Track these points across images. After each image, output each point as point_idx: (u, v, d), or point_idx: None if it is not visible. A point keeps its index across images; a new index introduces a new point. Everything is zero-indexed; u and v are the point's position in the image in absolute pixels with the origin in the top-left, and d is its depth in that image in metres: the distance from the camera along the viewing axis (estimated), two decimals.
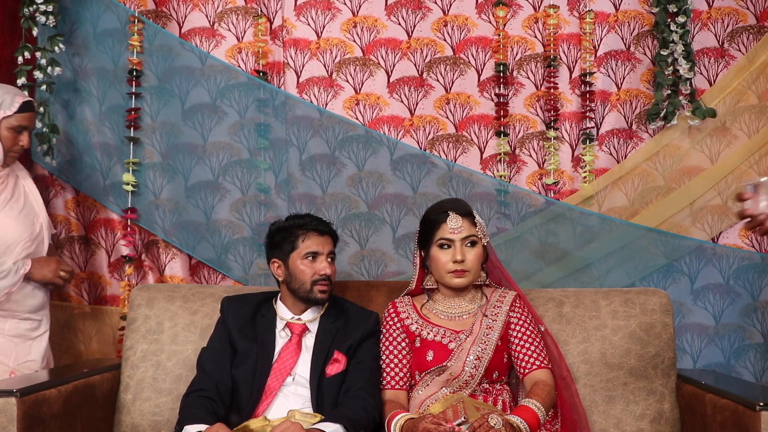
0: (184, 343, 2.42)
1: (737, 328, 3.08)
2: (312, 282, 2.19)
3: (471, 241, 2.16)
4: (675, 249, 3.07)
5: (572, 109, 3.16)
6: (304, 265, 2.19)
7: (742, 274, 3.08)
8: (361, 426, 2.03)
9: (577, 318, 2.39)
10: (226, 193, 3.19)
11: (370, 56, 3.20)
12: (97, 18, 3.18)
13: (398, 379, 2.19)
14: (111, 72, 3.19)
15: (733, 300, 3.08)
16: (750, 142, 3.08)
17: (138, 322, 2.46)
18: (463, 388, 2.13)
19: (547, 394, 2.06)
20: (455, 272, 2.15)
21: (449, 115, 3.19)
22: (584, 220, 3.04)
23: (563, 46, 3.16)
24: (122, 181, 3.16)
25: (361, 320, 2.26)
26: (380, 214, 3.12)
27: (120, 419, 2.38)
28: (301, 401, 2.14)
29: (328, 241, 2.24)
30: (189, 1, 3.22)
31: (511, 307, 2.21)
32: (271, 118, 3.17)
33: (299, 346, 2.20)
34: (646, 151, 3.12)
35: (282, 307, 2.26)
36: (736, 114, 3.08)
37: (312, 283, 2.19)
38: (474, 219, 2.19)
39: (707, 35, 3.14)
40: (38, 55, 3.04)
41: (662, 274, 3.09)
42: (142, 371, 2.40)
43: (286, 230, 2.24)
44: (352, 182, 3.13)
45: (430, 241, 2.17)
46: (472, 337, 2.15)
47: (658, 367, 2.34)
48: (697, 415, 2.17)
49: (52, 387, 2.11)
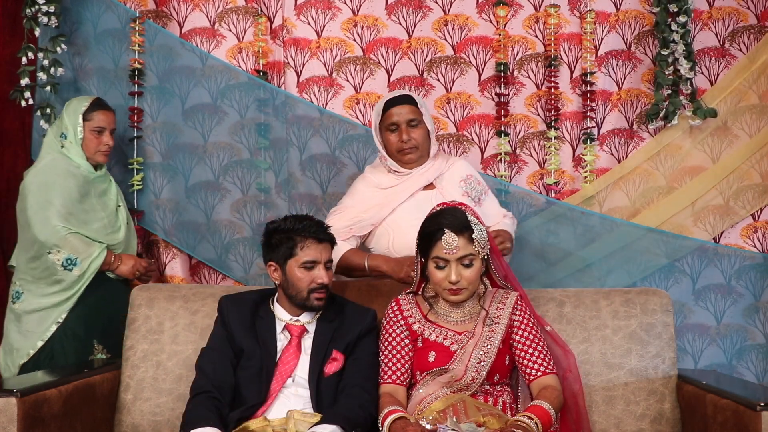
0: (184, 343, 2.42)
1: (739, 329, 3.07)
2: (309, 290, 2.17)
3: (468, 261, 2.08)
4: (676, 249, 3.07)
5: (573, 108, 3.15)
6: (301, 273, 2.16)
7: (744, 274, 3.07)
8: (358, 424, 2.02)
9: (578, 318, 2.39)
10: (226, 193, 3.19)
11: (370, 56, 3.20)
12: (97, 18, 3.19)
13: (399, 374, 2.16)
14: (111, 72, 3.19)
15: (735, 300, 3.08)
16: (751, 142, 3.07)
17: (138, 322, 2.46)
18: (465, 390, 2.12)
19: (556, 398, 2.06)
20: (450, 290, 2.11)
21: (450, 115, 3.19)
22: (585, 220, 3.04)
23: (564, 45, 3.16)
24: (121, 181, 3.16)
25: (359, 318, 2.25)
26: None
27: (120, 419, 2.38)
28: (301, 402, 2.13)
29: (326, 248, 2.21)
30: (189, 1, 3.22)
31: (513, 309, 2.19)
32: (271, 118, 3.17)
33: (299, 348, 2.19)
34: (647, 150, 3.11)
35: (280, 309, 2.25)
36: (737, 114, 3.08)
37: (309, 291, 2.17)
38: (472, 234, 2.08)
39: (708, 35, 3.13)
40: (40, 56, 3.04)
41: (663, 275, 3.08)
42: (142, 371, 2.40)
43: (284, 234, 2.19)
44: (352, 182, 3.13)
45: (427, 255, 2.13)
46: (474, 339, 2.13)
47: (659, 367, 2.33)
48: (698, 415, 2.16)
49: (52, 387, 2.11)
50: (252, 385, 2.14)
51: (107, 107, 2.89)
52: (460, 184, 2.59)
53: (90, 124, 2.82)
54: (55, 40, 3.05)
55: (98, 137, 2.83)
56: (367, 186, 2.63)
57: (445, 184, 2.58)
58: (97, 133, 2.82)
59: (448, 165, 2.62)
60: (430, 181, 2.58)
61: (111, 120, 2.88)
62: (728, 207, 3.07)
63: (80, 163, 2.81)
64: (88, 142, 2.82)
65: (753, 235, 3.09)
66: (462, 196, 2.53)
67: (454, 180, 2.59)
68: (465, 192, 2.57)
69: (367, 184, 2.64)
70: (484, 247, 2.11)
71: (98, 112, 2.84)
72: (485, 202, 2.61)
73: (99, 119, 2.83)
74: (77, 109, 2.82)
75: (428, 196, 2.55)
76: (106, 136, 2.84)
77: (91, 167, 2.84)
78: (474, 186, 2.61)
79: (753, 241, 3.09)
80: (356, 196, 2.62)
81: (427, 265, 2.13)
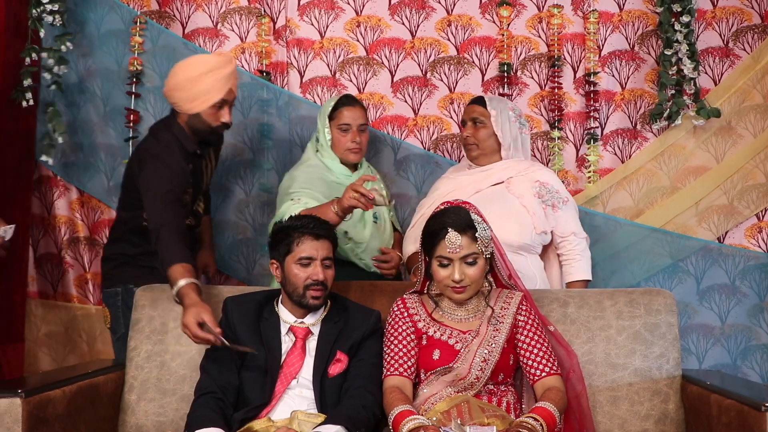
0: (188, 343, 2.42)
1: (744, 329, 3.07)
2: (304, 287, 2.16)
3: (471, 259, 2.08)
4: (680, 249, 3.06)
5: (576, 108, 3.15)
6: (297, 270, 2.16)
7: (749, 274, 3.07)
8: (362, 424, 2.02)
9: (582, 318, 2.38)
10: (229, 193, 3.19)
11: (373, 56, 3.20)
12: (101, 19, 3.19)
13: (406, 367, 2.14)
14: (114, 73, 3.19)
15: (740, 300, 3.07)
16: (755, 142, 3.07)
17: (142, 322, 2.46)
18: (469, 389, 2.12)
19: (560, 399, 2.05)
20: (454, 288, 2.11)
21: (453, 115, 3.18)
22: (589, 220, 3.03)
23: (567, 45, 3.16)
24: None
25: (363, 319, 2.25)
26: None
27: (124, 420, 2.38)
28: (306, 403, 2.14)
29: (324, 245, 2.20)
30: (192, 2, 3.23)
31: (518, 309, 2.19)
32: (274, 119, 3.17)
33: (304, 350, 2.19)
34: (651, 150, 3.11)
35: (284, 310, 2.25)
36: (741, 113, 3.07)
37: (304, 288, 2.16)
38: (476, 233, 2.08)
39: (712, 35, 3.13)
40: (44, 55, 3.05)
41: (668, 275, 3.08)
42: (146, 372, 2.40)
43: (284, 231, 2.21)
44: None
45: (431, 254, 2.13)
46: (479, 338, 2.14)
47: (663, 368, 2.33)
48: (702, 415, 2.16)
49: (56, 387, 2.11)
50: (256, 386, 2.14)
51: (354, 102, 2.79)
52: (535, 184, 2.65)
53: (336, 123, 2.73)
54: (61, 38, 3.06)
55: (344, 135, 2.72)
56: (440, 181, 2.83)
57: (515, 182, 2.66)
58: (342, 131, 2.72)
59: (526, 168, 2.69)
60: (501, 180, 2.67)
61: (358, 115, 2.75)
62: (732, 207, 3.07)
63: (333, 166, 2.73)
64: (336, 142, 2.73)
65: (757, 235, 3.08)
66: (534, 196, 2.63)
67: (528, 181, 2.66)
68: (537, 193, 2.64)
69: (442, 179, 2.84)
70: (488, 246, 2.12)
71: (344, 108, 2.73)
72: (561, 212, 2.66)
73: (344, 116, 2.73)
74: (324, 110, 2.76)
75: (495, 189, 2.66)
76: (353, 133, 2.72)
77: (346, 169, 2.75)
78: (551, 192, 2.66)
79: (757, 241, 3.08)
80: (433, 194, 2.78)
81: (431, 263, 2.13)
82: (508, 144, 2.69)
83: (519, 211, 2.61)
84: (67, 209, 3.25)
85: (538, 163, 2.83)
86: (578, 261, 2.69)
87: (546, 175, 2.70)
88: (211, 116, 2.48)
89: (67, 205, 3.25)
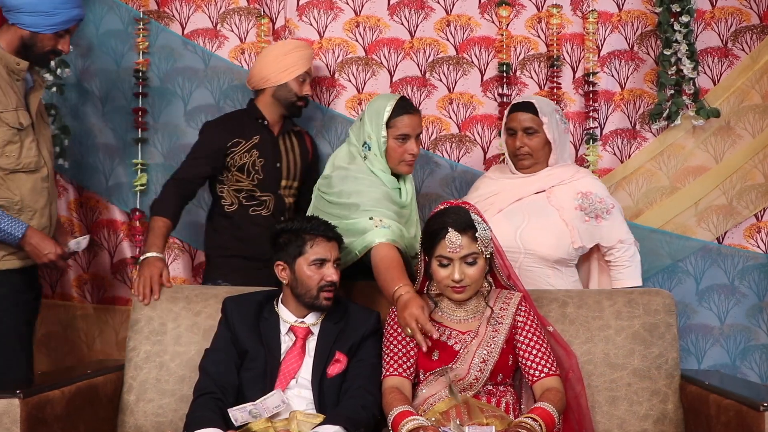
0: (187, 344, 2.42)
1: (743, 329, 3.07)
2: (318, 288, 2.18)
3: (471, 259, 2.09)
4: (679, 249, 3.06)
5: (575, 109, 3.15)
6: (311, 271, 2.18)
7: (748, 274, 3.07)
8: (361, 424, 2.02)
9: (581, 319, 2.38)
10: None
11: (372, 56, 3.19)
12: (100, 19, 3.18)
13: (405, 367, 2.15)
14: (114, 73, 3.19)
15: (739, 300, 3.07)
16: (754, 142, 3.07)
17: (141, 323, 2.46)
18: (467, 390, 2.12)
19: (559, 400, 2.06)
20: (454, 288, 2.11)
21: (452, 115, 3.18)
22: None
23: (566, 45, 3.15)
24: (124, 182, 3.16)
25: (363, 320, 2.25)
26: None
27: (123, 420, 2.39)
28: (305, 403, 2.14)
29: (334, 246, 2.23)
30: (191, 2, 3.22)
31: (518, 309, 2.19)
32: None
33: (303, 350, 2.20)
34: (650, 151, 3.11)
35: (284, 310, 2.25)
36: (740, 113, 3.07)
37: (318, 290, 2.18)
38: (476, 233, 2.08)
39: (711, 35, 3.13)
40: None
41: (667, 275, 3.08)
42: (145, 372, 2.40)
43: (293, 233, 2.21)
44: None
45: (431, 253, 2.13)
46: (478, 339, 2.14)
47: (662, 368, 2.33)
48: (701, 415, 2.16)
49: (55, 388, 2.11)
50: (255, 386, 2.14)
51: (414, 108, 2.61)
52: (577, 196, 2.61)
53: (394, 131, 2.52)
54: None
55: (402, 145, 2.53)
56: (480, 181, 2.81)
57: (557, 192, 2.62)
58: (401, 140, 2.52)
59: (570, 176, 2.65)
60: (543, 188, 2.63)
61: (418, 123, 2.58)
62: (731, 207, 3.07)
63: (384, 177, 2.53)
64: (392, 151, 2.53)
65: (756, 235, 3.08)
66: (576, 209, 2.59)
67: (571, 191, 2.62)
68: (579, 205, 2.60)
69: (483, 179, 2.81)
70: (488, 246, 2.12)
71: (405, 115, 2.53)
72: (606, 221, 2.62)
73: (405, 124, 2.52)
74: (379, 113, 2.53)
75: (536, 199, 2.62)
76: (411, 143, 2.54)
77: (395, 180, 2.58)
78: (593, 203, 2.62)
79: (756, 241, 3.08)
80: (472, 194, 2.75)
81: (431, 263, 2.13)
82: (557, 149, 2.67)
83: (558, 224, 2.58)
84: (66, 210, 3.25)
85: (582, 170, 2.74)
86: (627, 267, 2.67)
87: (589, 184, 2.65)
88: (296, 86, 2.83)
89: (65, 205, 3.25)
